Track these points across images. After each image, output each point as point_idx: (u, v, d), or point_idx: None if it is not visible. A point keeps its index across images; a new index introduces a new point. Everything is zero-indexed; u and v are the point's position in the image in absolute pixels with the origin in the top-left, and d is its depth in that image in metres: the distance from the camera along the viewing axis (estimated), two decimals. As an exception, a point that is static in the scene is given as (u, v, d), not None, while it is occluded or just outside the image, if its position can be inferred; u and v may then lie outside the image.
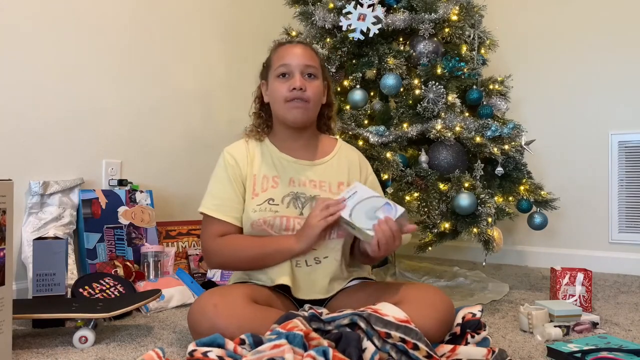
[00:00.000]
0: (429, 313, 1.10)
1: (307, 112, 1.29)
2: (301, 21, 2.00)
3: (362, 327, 0.99)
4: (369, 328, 0.99)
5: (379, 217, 1.15)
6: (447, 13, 1.82)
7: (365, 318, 1.00)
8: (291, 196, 1.27)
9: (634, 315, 1.61)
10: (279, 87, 1.28)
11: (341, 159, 1.37)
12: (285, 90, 1.27)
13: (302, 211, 1.26)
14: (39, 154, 1.84)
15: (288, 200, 1.26)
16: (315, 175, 1.32)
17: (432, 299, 1.15)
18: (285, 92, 1.27)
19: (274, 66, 1.31)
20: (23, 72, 1.80)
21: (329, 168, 1.34)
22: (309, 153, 1.35)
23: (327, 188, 1.31)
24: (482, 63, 2.04)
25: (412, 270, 2.30)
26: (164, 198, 2.23)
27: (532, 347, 1.29)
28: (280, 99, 1.28)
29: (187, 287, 1.81)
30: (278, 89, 1.28)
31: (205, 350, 0.98)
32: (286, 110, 1.28)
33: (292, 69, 1.28)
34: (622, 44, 2.38)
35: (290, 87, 1.26)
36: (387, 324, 1.00)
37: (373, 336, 0.98)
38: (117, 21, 2.09)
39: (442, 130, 1.69)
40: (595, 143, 2.44)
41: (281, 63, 1.29)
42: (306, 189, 1.29)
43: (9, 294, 1.11)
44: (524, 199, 1.89)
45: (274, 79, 1.30)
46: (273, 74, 1.31)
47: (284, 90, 1.27)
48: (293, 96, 1.26)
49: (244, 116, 2.40)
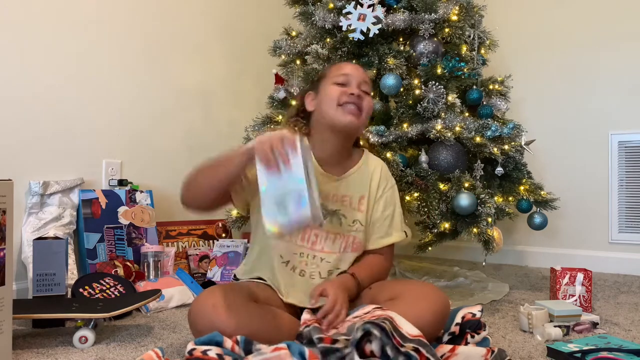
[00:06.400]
0: (424, 306, 1.11)
1: (359, 120, 1.28)
2: (301, 21, 2.00)
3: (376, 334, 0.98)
4: (384, 336, 0.98)
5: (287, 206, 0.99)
6: (447, 13, 1.82)
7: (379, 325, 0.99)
8: None
9: (634, 315, 1.61)
10: (334, 91, 1.28)
11: (364, 172, 1.36)
12: (341, 94, 1.27)
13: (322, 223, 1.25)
14: (39, 154, 1.84)
15: None
16: (339, 190, 1.31)
17: (427, 294, 1.16)
18: (341, 95, 1.26)
19: (331, 75, 1.31)
20: (23, 72, 1.80)
21: (352, 182, 1.34)
22: (337, 166, 1.34)
23: (348, 203, 1.31)
24: (482, 63, 2.04)
25: (412, 270, 2.29)
26: (164, 198, 2.23)
27: (532, 347, 1.29)
28: (334, 101, 1.27)
29: (187, 287, 1.81)
30: (334, 92, 1.28)
31: (204, 348, 0.98)
32: (340, 114, 1.26)
33: (351, 79, 1.29)
34: (623, 44, 2.38)
35: (347, 91, 1.27)
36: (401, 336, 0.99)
37: (387, 345, 0.98)
38: (117, 21, 2.09)
39: (442, 130, 1.69)
40: (595, 143, 2.44)
41: (342, 72, 1.30)
42: (328, 202, 1.29)
43: (9, 294, 1.11)
44: (524, 199, 1.89)
45: (330, 85, 1.29)
46: (329, 81, 1.30)
47: (340, 93, 1.27)
48: (348, 100, 1.26)
49: (244, 116, 2.41)
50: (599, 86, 2.45)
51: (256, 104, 2.34)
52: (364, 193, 1.33)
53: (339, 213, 1.29)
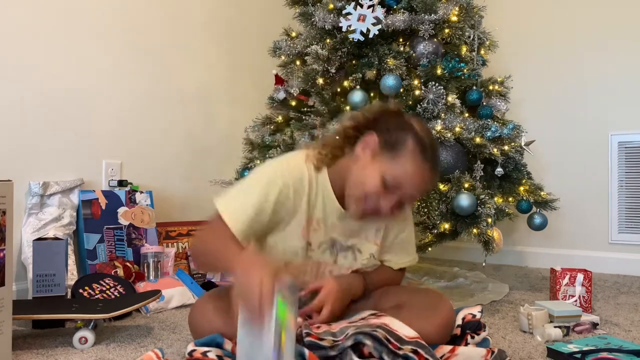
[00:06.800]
0: (429, 316, 1.10)
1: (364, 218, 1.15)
2: (301, 22, 2.00)
3: (369, 344, 0.98)
4: (377, 344, 0.98)
5: None
6: (447, 14, 1.82)
7: (371, 335, 0.99)
8: (328, 243, 1.20)
9: (634, 316, 1.61)
10: (375, 184, 1.08)
11: None
12: (377, 197, 1.09)
13: (336, 259, 1.22)
14: (39, 154, 1.84)
15: (324, 248, 1.20)
16: (356, 225, 1.21)
17: (433, 303, 1.15)
18: (376, 199, 1.09)
19: (395, 176, 1.08)
20: (22, 73, 1.80)
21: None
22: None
23: (364, 237, 1.23)
24: (482, 64, 2.04)
25: (412, 271, 2.29)
26: (163, 199, 2.23)
27: (532, 347, 1.29)
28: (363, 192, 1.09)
29: (187, 288, 1.80)
30: (374, 185, 1.08)
31: (204, 350, 0.98)
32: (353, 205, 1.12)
33: (404, 199, 1.11)
34: (623, 44, 2.38)
35: (384, 203, 1.09)
36: (398, 339, 0.99)
37: (382, 352, 0.97)
38: (117, 22, 2.09)
39: (442, 131, 1.69)
40: (595, 143, 2.44)
41: (402, 187, 1.08)
42: (344, 238, 1.21)
43: (9, 294, 1.11)
44: (524, 199, 1.89)
45: (379, 173, 1.08)
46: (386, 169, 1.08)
47: (375, 197, 1.09)
48: (376, 208, 1.10)
49: (244, 116, 2.40)
50: (598, 87, 2.45)
51: (256, 104, 2.34)
52: (380, 226, 1.24)
53: (354, 247, 1.23)
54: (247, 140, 2.12)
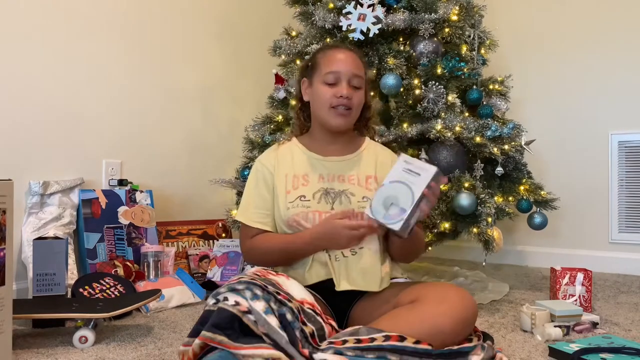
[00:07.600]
0: (444, 310, 1.07)
1: (349, 119, 1.33)
2: (301, 21, 2.00)
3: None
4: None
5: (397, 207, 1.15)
6: (447, 13, 1.82)
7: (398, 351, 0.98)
8: (321, 192, 1.30)
9: (634, 315, 1.61)
10: (325, 92, 1.30)
11: (369, 154, 1.38)
12: (331, 96, 1.29)
13: (333, 206, 1.28)
14: (39, 154, 1.84)
15: (319, 196, 1.29)
16: (343, 170, 1.34)
17: (449, 296, 1.11)
18: (332, 98, 1.29)
19: (321, 71, 1.32)
20: (22, 73, 1.80)
21: (357, 163, 1.36)
22: (337, 150, 1.37)
23: (355, 181, 1.32)
24: (482, 63, 2.04)
25: (412, 270, 2.29)
26: (164, 198, 2.23)
27: (532, 347, 1.29)
28: (325, 103, 1.30)
29: (187, 287, 1.81)
30: (324, 94, 1.30)
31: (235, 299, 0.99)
32: (331, 117, 1.31)
33: (341, 77, 1.30)
34: (623, 44, 2.38)
35: (337, 93, 1.29)
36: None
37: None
38: (117, 22, 2.09)
39: (442, 130, 1.69)
40: (595, 143, 2.44)
41: (330, 70, 1.30)
42: (335, 184, 1.31)
43: (9, 294, 1.11)
44: (524, 198, 1.89)
45: (320, 84, 1.31)
46: (319, 78, 1.32)
47: (330, 95, 1.29)
48: (339, 103, 1.29)
49: (244, 116, 2.40)
50: (599, 86, 2.45)
51: (256, 104, 2.35)
52: (370, 173, 1.34)
53: (346, 192, 1.29)
54: (247, 139, 2.11)
